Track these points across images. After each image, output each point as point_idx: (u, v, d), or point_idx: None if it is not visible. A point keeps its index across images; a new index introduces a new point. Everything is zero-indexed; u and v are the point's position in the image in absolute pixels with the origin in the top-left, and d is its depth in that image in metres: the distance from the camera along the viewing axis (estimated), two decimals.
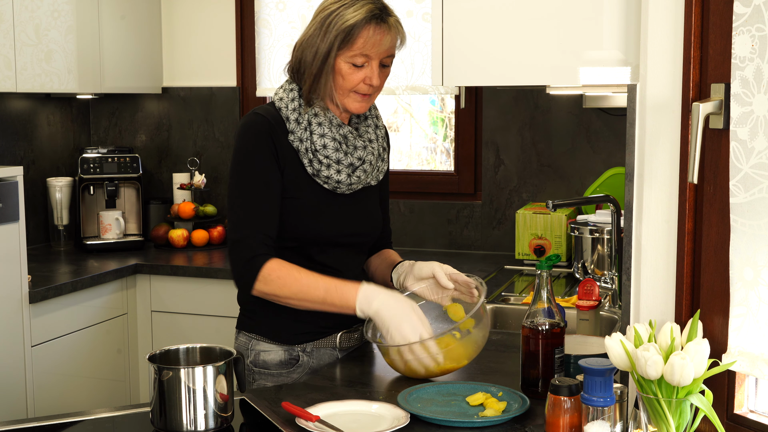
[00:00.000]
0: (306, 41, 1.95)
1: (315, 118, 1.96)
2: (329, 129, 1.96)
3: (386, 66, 1.97)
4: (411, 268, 2.04)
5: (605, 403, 1.38)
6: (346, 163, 1.97)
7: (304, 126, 1.95)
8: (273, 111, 1.97)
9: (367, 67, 1.93)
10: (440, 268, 1.98)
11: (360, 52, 1.91)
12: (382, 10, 1.92)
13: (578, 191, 3.46)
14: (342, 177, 1.97)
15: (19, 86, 3.22)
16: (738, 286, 1.38)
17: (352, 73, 1.93)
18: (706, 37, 1.41)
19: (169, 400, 1.56)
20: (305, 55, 1.95)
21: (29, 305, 2.84)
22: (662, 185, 1.49)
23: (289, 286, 1.88)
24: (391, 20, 1.93)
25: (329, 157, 1.95)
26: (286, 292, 1.89)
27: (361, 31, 1.89)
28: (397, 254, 2.19)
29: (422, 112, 3.91)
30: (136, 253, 3.55)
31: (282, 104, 1.98)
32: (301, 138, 1.95)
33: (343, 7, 1.90)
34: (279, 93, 2.01)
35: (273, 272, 1.88)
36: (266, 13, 3.83)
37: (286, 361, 2.02)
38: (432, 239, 3.70)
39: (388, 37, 1.92)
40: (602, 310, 2.53)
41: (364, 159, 2.00)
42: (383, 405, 1.66)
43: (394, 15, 1.95)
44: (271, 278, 1.88)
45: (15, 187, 2.77)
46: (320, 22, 1.93)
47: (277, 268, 1.89)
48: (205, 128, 3.96)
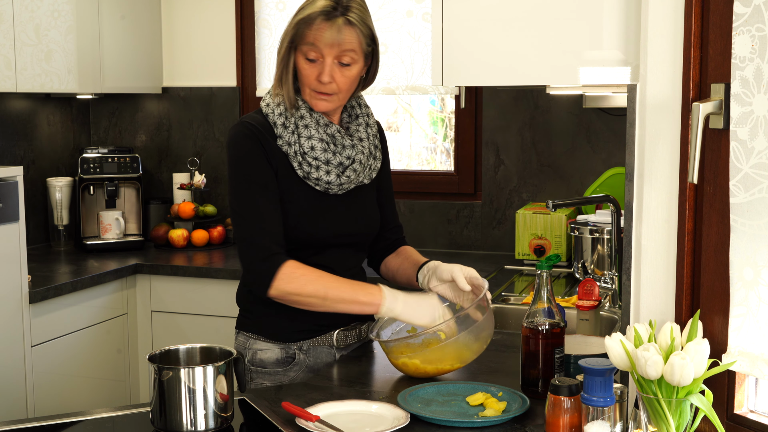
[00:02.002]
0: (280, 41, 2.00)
1: (301, 120, 1.97)
2: (316, 130, 1.97)
3: (345, 65, 1.94)
4: (435, 269, 2.05)
5: (605, 403, 1.38)
6: (335, 163, 1.97)
7: (291, 129, 1.96)
8: (260, 118, 1.99)
9: (319, 63, 1.93)
10: (460, 271, 1.98)
11: (310, 46, 1.92)
12: (337, 8, 1.90)
13: (578, 191, 3.46)
14: (332, 177, 1.97)
15: (19, 86, 3.22)
16: (738, 286, 1.38)
17: (307, 68, 1.94)
18: (706, 37, 1.41)
19: (169, 400, 1.56)
20: (277, 53, 2.01)
21: (29, 305, 2.84)
22: (662, 185, 1.49)
23: (313, 282, 1.90)
24: (339, 20, 1.90)
25: (318, 158, 1.96)
26: (309, 290, 1.89)
27: (311, 25, 1.91)
28: (418, 252, 2.19)
29: (422, 112, 3.91)
30: (136, 253, 3.55)
31: (269, 110, 1.99)
32: (290, 142, 1.96)
33: (309, 4, 1.94)
34: (266, 99, 2.02)
35: (296, 269, 1.90)
36: (266, 13, 3.83)
37: (282, 359, 2.02)
38: (432, 239, 3.70)
39: (339, 35, 1.90)
40: (602, 310, 2.53)
41: (353, 158, 2.00)
42: (383, 405, 1.66)
43: (352, 15, 1.91)
44: (295, 275, 1.89)
45: (15, 187, 2.77)
46: (290, 21, 1.97)
47: (299, 266, 1.91)
48: (205, 128, 3.96)
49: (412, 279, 2.11)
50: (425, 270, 2.07)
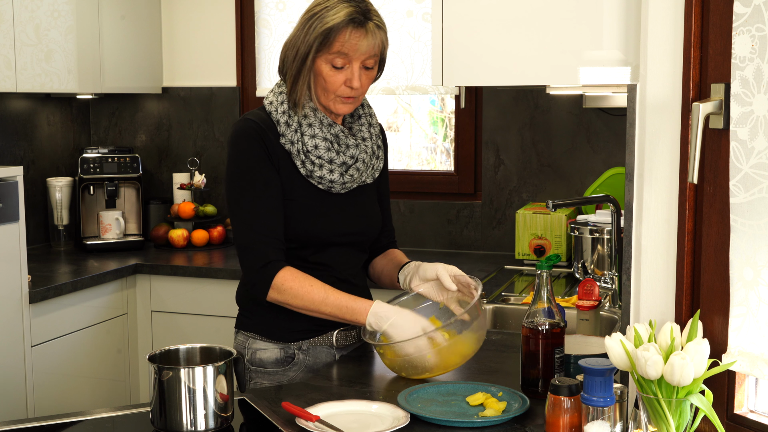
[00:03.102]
0: (290, 42, 1.97)
1: (305, 119, 1.96)
2: (320, 129, 1.97)
3: (369, 68, 1.96)
4: (417, 269, 2.05)
5: (605, 403, 1.38)
6: (338, 162, 1.97)
7: (294, 128, 1.96)
8: (263, 115, 1.98)
9: (347, 69, 1.93)
10: (444, 270, 1.99)
11: (338, 54, 1.91)
12: (363, 14, 1.91)
13: (578, 191, 3.46)
14: (335, 176, 1.97)
15: (19, 86, 3.22)
16: (738, 286, 1.38)
17: (333, 75, 1.93)
18: (706, 37, 1.41)
19: (169, 400, 1.56)
20: (287, 55, 1.97)
21: (29, 305, 2.84)
22: (662, 185, 1.49)
23: (301, 297, 1.92)
24: (370, 24, 1.92)
25: (321, 157, 1.96)
26: (298, 303, 1.93)
27: (339, 35, 1.89)
28: (404, 254, 2.20)
29: (422, 112, 3.91)
30: (136, 253, 3.56)
31: (272, 108, 1.98)
32: (293, 140, 1.96)
33: (325, 9, 1.91)
34: (269, 97, 2.02)
35: (286, 282, 1.91)
36: (266, 13, 3.83)
37: (282, 359, 2.03)
38: (432, 239, 3.70)
39: (365, 41, 1.91)
40: (602, 310, 2.53)
41: (356, 157, 2.00)
42: (383, 405, 1.66)
43: (376, 19, 1.94)
44: (284, 288, 1.91)
45: (15, 187, 2.77)
46: (303, 23, 1.94)
47: (290, 278, 1.92)
48: (205, 128, 3.96)
49: (394, 280, 2.12)
50: (406, 270, 2.08)
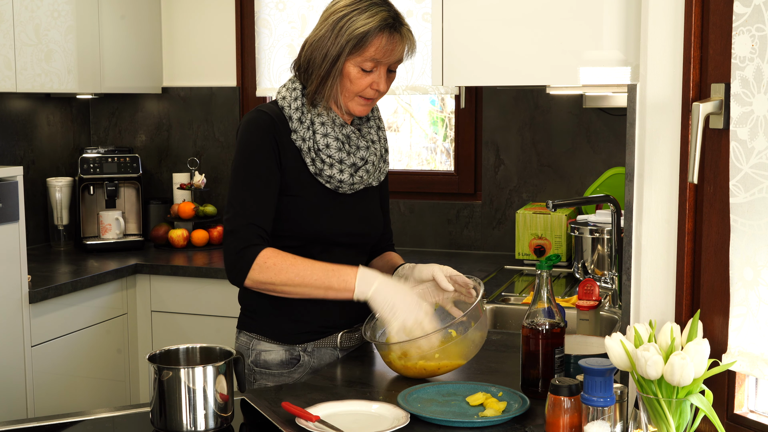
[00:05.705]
0: (316, 42, 1.95)
1: (318, 117, 1.96)
2: (332, 129, 1.97)
3: (393, 71, 1.99)
4: (412, 270, 2.04)
5: (605, 403, 1.38)
6: (348, 163, 1.97)
7: (306, 125, 1.96)
8: (276, 109, 1.98)
9: (375, 72, 1.94)
10: (440, 271, 1.98)
11: (371, 58, 1.91)
12: (396, 19, 1.93)
13: (578, 191, 3.46)
14: (344, 177, 1.97)
15: (19, 86, 3.22)
16: (738, 286, 1.38)
17: (360, 78, 1.93)
18: (706, 37, 1.41)
19: (169, 400, 1.56)
20: (315, 56, 1.95)
21: (29, 305, 2.84)
22: (662, 185, 1.49)
23: (286, 271, 1.87)
24: (403, 30, 1.95)
25: (332, 156, 1.96)
26: (282, 278, 1.87)
27: (374, 39, 1.90)
28: (400, 257, 2.19)
29: (422, 112, 3.91)
30: (136, 253, 3.55)
31: (285, 103, 1.98)
32: (304, 137, 1.95)
33: (356, 12, 1.90)
34: (282, 92, 2.01)
35: (269, 259, 1.87)
36: (266, 13, 3.83)
37: (287, 360, 2.02)
38: (432, 239, 3.70)
39: (400, 47, 1.94)
40: (602, 310, 2.53)
41: (366, 159, 2.00)
42: (383, 405, 1.66)
43: (406, 24, 1.97)
44: (267, 265, 1.86)
45: (15, 187, 2.77)
46: (332, 24, 1.92)
47: (273, 255, 1.88)
48: (205, 128, 3.96)
49: None
50: (401, 272, 2.07)
